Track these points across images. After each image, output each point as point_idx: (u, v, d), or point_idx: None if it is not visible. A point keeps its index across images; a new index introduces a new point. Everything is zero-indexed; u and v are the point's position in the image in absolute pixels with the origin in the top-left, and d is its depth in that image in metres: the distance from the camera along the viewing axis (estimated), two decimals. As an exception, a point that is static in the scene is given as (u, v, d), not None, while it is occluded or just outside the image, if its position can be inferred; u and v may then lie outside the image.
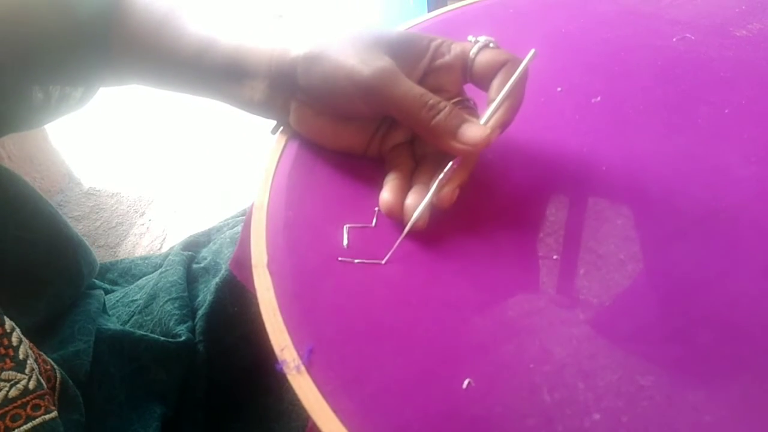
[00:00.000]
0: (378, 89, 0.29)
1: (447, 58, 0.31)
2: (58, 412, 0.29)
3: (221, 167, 1.41)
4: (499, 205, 0.31)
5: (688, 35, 0.43)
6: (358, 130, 0.33)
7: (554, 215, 0.30)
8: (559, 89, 0.39)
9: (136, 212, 1.29)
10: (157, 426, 0.39)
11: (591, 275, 0.27)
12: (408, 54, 0.31)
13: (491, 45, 0.31)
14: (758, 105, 0.36)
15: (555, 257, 0.28)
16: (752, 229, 0.29)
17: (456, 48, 0.32)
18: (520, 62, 0.30)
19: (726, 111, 0.36)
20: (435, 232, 0.29)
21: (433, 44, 0.32)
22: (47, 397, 0.29)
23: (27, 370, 0.28)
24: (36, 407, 0.28)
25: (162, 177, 1.39)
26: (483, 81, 0.31)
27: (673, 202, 0.30)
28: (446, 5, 0.51)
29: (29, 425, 0.27)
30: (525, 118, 0.37)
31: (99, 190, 1.31)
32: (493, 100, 0.30)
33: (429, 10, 1.26)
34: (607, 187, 0.32)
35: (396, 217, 0.29)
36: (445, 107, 0.29)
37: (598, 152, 0.34)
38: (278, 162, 0.34)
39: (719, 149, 0.33)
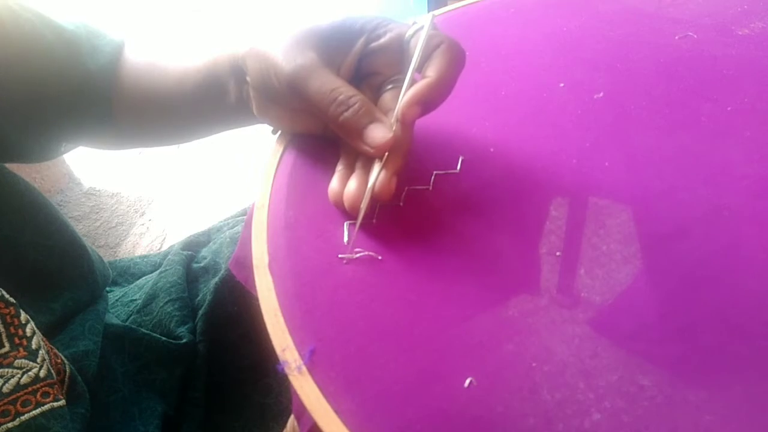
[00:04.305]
0: (295, 85, 0.29)
1: (382, 41, 0.31)
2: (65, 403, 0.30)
3: (221, 167, 1.41)
4: (500, 202, 0.31)
5: (690, 34, 0.43)
6: (310, 116, 0.34)
7: (556, 212, 0.30)
8: (561, 85, 0.39)
9: (136, 212, 1.29)
10: (158, 424, 0.39)
11: (593, 273, 0.27)
12: (338, 43, 0.31)
13: (426, 27, 0.31)
14: (761, 103, 0.36)
15: (558, 254, 0.28)
16: (754, 228, 0.28)
17: (393, 30, 0.31)
18: (455, 44, 0.30)
19: (729, 109, 0.36)
20: (435, 231, 0.29)
21: (369, 27, 0.32)
22: (56, 386, 0.30)
23: (39, 360, 0.30)
24: (45, 394, 0.29)
25: (162, 177, 1.39)
26: (418, 63, 0.31)
27: (675, 199, 0.30)
28: (446, 5, 0.51)
29: (38, 411, 0.29)
30: (528, 112, 0.37)
31: (99, 190, 1.31)
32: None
33: (429, 10, 1.26)
34: (609, 184, 0.31)
35: (341, 206, 0.30)
36: (355, 104, 0.29)
37: (601, 148, 0.34)
38: (279, 162, 0.34)
39: (722, 147, 0.33)
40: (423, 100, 0.29)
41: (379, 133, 0.28)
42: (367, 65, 0.32)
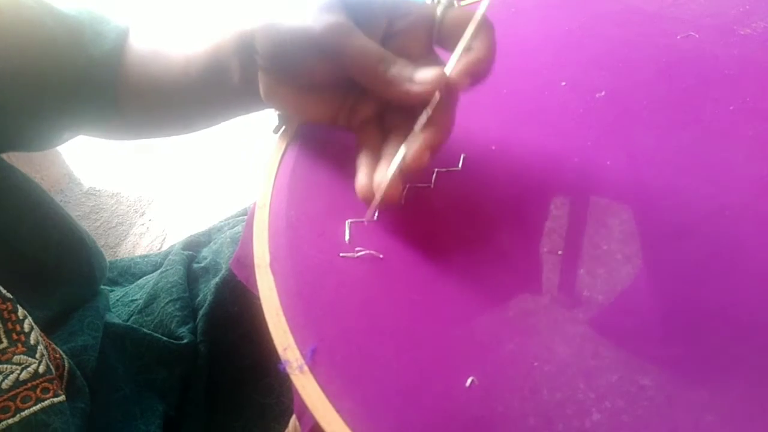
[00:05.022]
0: (332, 44, 0.28)
1: (410, 18, 0.30)
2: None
3: (221, 167, 1.41)
4: (501, 201, 0.31)
5: (692, 33, 0.43)
6: (323, 100, 0.32)
7: (557, 210, 0.30)
8: (563, 84, 0.39)
9: (136, 212, 1.29)
10: (160, 424, 0.39)
11: (594, 272, 0.27)
12: (365, 17, 0.29)
13: (455, 4, 0.30)
14: (763, 102, 0.36)
15: (559, 253, 0.28)
16: (755, 227, 0.28)
17: (415, 12, 0.30)
18: (488, 20, 0.29)
19: (730, 108, 0.36)
20: (437, 230, 0.29)
21: (389, 4, 0.30)
22: (56, 381, 0.30)
23: (37, 355, 0.30)
24: (45, 390, 0.29)
25: (162, 177, 1.39)
26: (452, 41, 0.29)
27: (676, 198, 0.30)
28: (447, 4, 0.51)
29: (38, 406, 0.29)
30: (529, 111, 0.37)
31: (99, 190, 1.31)
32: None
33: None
34: (610, 183, 0.31)
35: (371, 200, 0.28)
36: (401, 60, 0.28)
37: (602, 147, 0.34)
38: (281, 161, 0.34)
39: (723, 146, 0.33)
40: (474, 71, 0.28)
41: (431, 71, 0.26)
42: (395, 45, 0.30)
